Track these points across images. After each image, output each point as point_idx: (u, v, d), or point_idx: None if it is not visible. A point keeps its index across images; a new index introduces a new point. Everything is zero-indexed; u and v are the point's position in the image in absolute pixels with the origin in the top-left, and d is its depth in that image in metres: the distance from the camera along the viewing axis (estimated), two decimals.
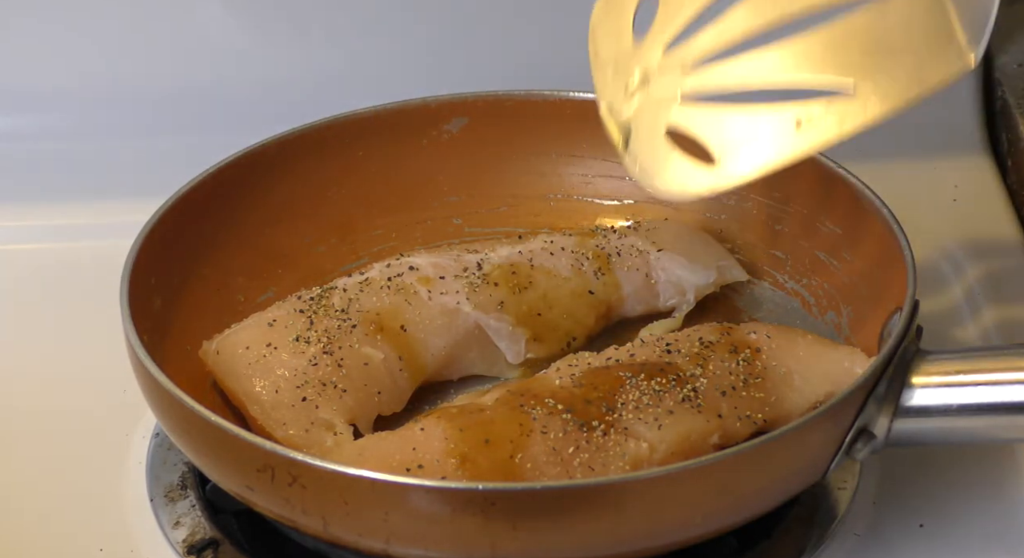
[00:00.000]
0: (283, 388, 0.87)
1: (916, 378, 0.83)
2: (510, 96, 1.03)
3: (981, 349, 0.85)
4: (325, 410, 0.86)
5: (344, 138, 1.01)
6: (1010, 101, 1.15)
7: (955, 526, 0.87)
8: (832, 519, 0.88)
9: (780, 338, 0.89)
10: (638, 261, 0.96)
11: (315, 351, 0.88)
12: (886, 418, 0.82)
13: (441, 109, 1.02)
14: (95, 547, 0.87)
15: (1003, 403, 0.82)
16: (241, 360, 0.88)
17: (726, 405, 0.84)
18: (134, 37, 1.16)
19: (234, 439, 0.79)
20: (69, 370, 0.98)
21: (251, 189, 0.98)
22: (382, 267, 0.94)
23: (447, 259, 0.94)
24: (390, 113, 1.02)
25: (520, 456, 0.80)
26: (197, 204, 0.95)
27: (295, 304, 0.91)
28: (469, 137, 1.03)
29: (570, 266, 0.94)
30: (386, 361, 0.89)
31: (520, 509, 0.76)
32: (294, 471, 0.77)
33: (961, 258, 1.06)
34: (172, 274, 0.93)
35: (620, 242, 0.97)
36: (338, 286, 0.92)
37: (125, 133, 1.16)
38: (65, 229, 1.10)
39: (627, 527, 0.77)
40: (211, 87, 1.16)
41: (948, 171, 1.14)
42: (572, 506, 0.76)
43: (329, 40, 1.17)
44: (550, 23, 1.16)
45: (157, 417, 0.85)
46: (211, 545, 0.87)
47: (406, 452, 0.81)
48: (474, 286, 0.92)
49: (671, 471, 0.77)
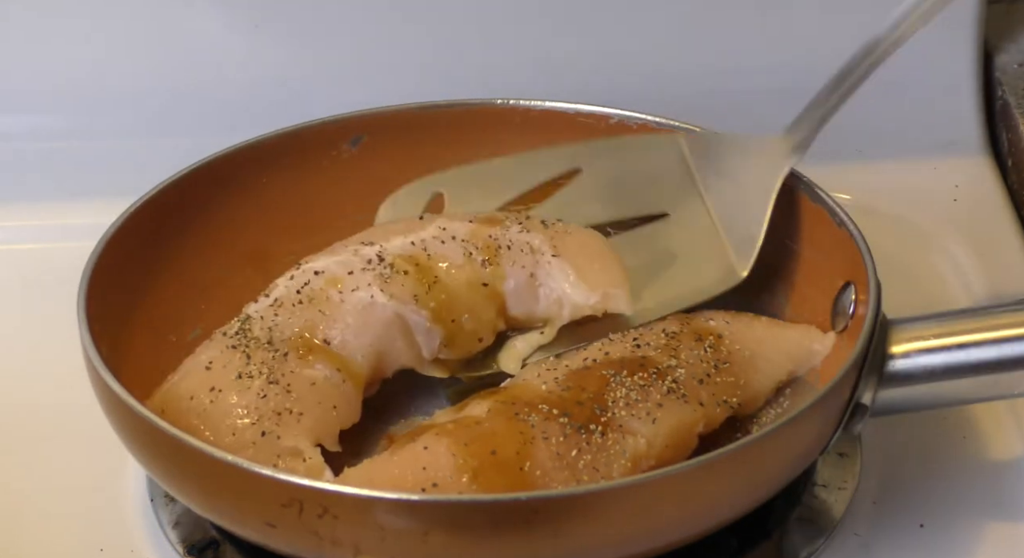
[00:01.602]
0: (239, 428, 0.84)
1: (895, 347, 0.85)
2: (405, 108, 1.01)
3: (949, 313, 0.87)
4: (288, 438, 0.84)
5: (246, 167, 0.99)
6: (1010, 101, 1.15)
7: (955, 526, 0.87)
8: (832, 519, 0.88)
9: (736, 323, 0.91)
10: (527, 259, 0.92)
11: (260, 384, 0.85)
12: (871, 390, 0.84)
13: (338, 128, 1.01)
14: (95, 547, 0.87)
15: (983, 362, 0.84)
16: (190, 412, 0.85)
17: (705, 392, 0.85)
18: (135, 37, 1.16)
19: (255, 476, 0.77)
20: (69, 370, 0.97)
21: (169, 225, 0.96)
22: (286, 281, 0.91)
23: (346, 255, 0.91)
24: (288, 137, 1.00)
25: (528, 464, 0.80)
26: (125, 247, 0.92)
27: (223, 341, 0.88)
28: (369, 154, 1.01)
29: (460, 255, 0.91)
30: (328, 378, 0.87)
31: (560, 515, 0.75)
32: (325, 502, 0.76)
33: (961, 258, 1.06)
34: (111, 320, 0.90)
35: (517, 236, 0.92)
36: (252, 314, 0.89)
37: (125, 133, 1.16)
38: (65, 229, 1.10)
39: (653, 522, 0.77)
40: (211, 88, 1.16)
41: (948, 171, 1.14)
42: (607, 507, 0.76)
43: (330, 41, 1.16)
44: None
45: (153, 472, 0.83)
46: (211, 545, 0.87)
47: (416, 472, 0.80)
48: (384, 277, 0.90)
49: (702, 463, 0.77)
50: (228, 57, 1.16)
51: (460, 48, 1.17)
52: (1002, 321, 0.85)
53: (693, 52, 1.16)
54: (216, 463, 0.78)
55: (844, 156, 1.12)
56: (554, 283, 0.92)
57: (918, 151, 1.15)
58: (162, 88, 1.16)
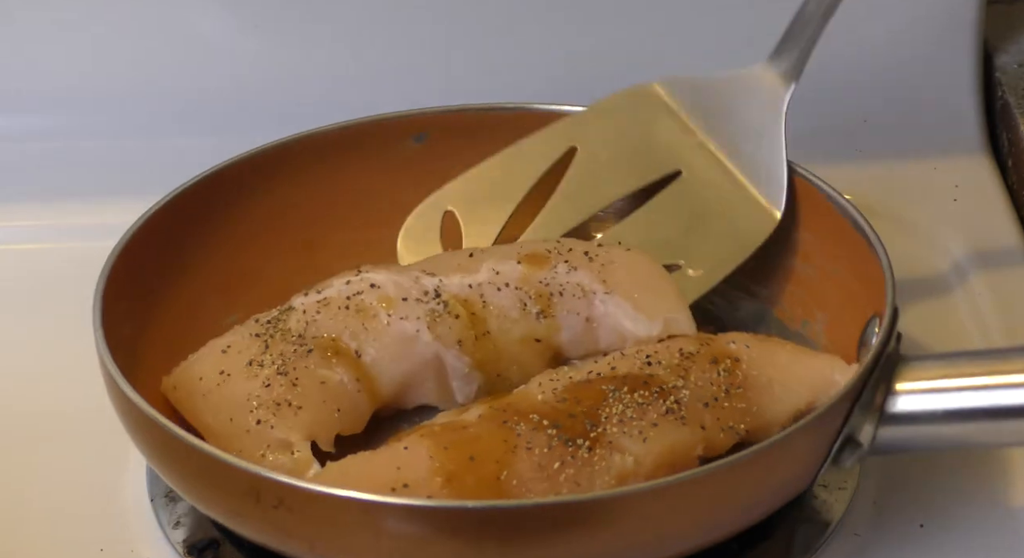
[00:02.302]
0: (237, 416, 0.84)
1: (900, 384, 0.82)
2: (469, 109, 1.02)
3: (962, 354, 0.84)
4: (280, 430, 0.84)
5: (308, 155, 1.00)
6: (1010, 101, 1.15)
7: (955, 526, 0.87)
8: (832, 519, 0.87)
9: (759, 348, 0.88)
10: (581, 304, 0.90)
11: (269, 373, 0.86)
12: (871, 426, 0.82)
13: (404, 123, 1.01)
14: (95, 547, 0.87)
15: (989, 407, 0.81)
16: (196, 393, 0.86)
17: (709, 416, 0.83)
18: (135, 37, 1.16)
19: (217, 463, 0.78)
20: (70, 370, 0.98)
21: (216, 210, 0.97)
22: (341, 285, 0.90)
23: (407, 279, 0.91)
24: (353, 129, 1.01)
25: (506, 473, 0.79)
26: (163, 227, 0.94)
27: (252, 328, 0.89)
28: (431, 152, 1.02)
29: (516, 306, 0.90)
30: (344, 382, 0.86)
31: (510, 526, 0.75)
32: (280, 493, 0.76)
33: (961, 258, 1.06)
34: (141, 299, 0.92)
35: (567, 278, 0.91)
36: (296, 307, 0.89)
37: (125, 133, 1.16)
38: (65, 229, 1.10)
39: (614, 543, 0.77)
40: (212, 88, 1.16)
41: (948, 171, 1.14)
42: (562, 522, 0.75)
43: (332, 44, 1.16)
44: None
45: (138, 446, 0.84)
46: (211, 545, 0.87)
47: (390, 472, 0.79)
48: (435, 315, 0.89)
49: (657, 486, 0.76)
50: (230, 57, 1.16)
51: (463, 49, 1.17)
52: (1016, 366, 0.82)
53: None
54: (182, 445, 0.79)
55: (844, 156, 1.12)
56: (612, 321, 0.91)
57: (918, 151, 1.15)
58: (166, 88, 1.16)
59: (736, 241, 0.92)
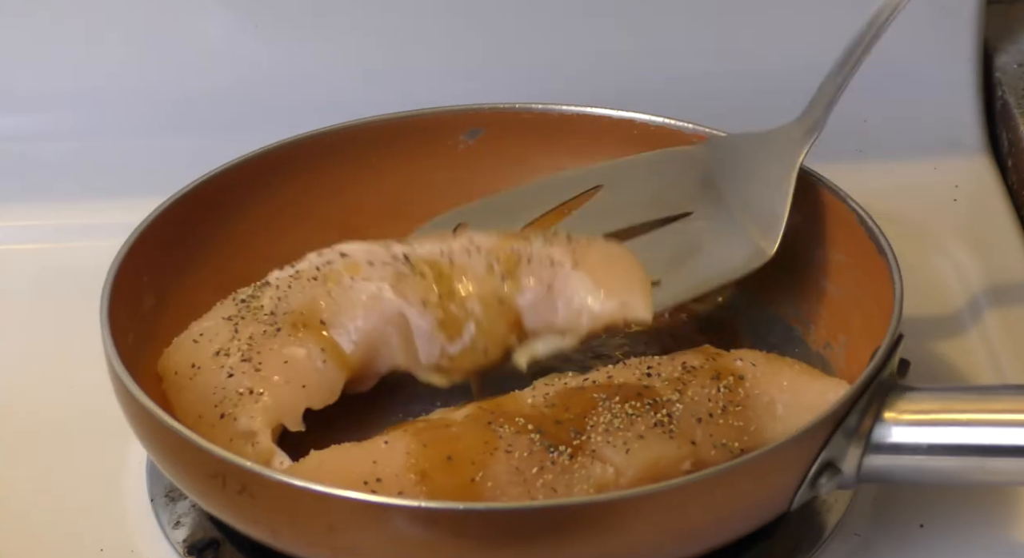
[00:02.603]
0: (205, 411, 0.85)
1: (888, 413, 0.81)
2: (527, 109, 1.01)
3: (962, 388, 0.83)
4: (243, 420, 0.84)
5: (357, 144, 1.00)
6: (1010, 101, 1.15)
7: (955, 526, 0.87)
8: (832, 519, 0.87)
9: (765, 367, 0.87)
10: (546, 271, 0.92)
11: (233, 362, 0.87)
12: (856, 453, 0.81)
13: (457, 119, 1.02)
14: (95, 547, 0.87)
15: (972, 445, 0.81)
16: (172, 387, 0.88)
17: (701, 432, 0.82)
18: (135, 37, 1.16)
19: (187, 444, 0.79)
20: (69, 370, 0.98)
21: (256, 191, 0.98)
22: (314, 256, 0.92)
23: (379, 247, 0.92)
24: (406, 121, 1.01)
25: (481, 474, 0.79)
26: (200, 203, 0.95)
27: (227, 309, 0.90)
28: (484, 149, 1.02)
29: (483, 267, 0.91)
30: (309, 356, 0.87)
31: (463, 528, 0.75)
32: (243, 479, 0.77)
33: (961, 258, 1.06)
34: (167, 273, 0.93)
35: (540, 250, 0.92)
36: (271, 282, 0.91)
37: (126, 133, 1.16)
38: (65, 229, 1.10)
39: (567, 554, 0.76)
40: (213, 88, 1.16)
41: (948, 171, 1.14)
42: (515, 528, 0.75)
43: (334, 43, 1.16)
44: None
45: (127, 417, 0.84)
46: (211, 545, 0.87)
47: (366, 465, 0.79)
48: (400, 274, 0.90)
49: (615, 498, 0.76)
50: (234, 57, 1.16)
51: (463, 50, 1.17)
52: (1006, 405, 0.81)
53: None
54: (159, 425, 0.80)
55: (844, 156, 1.12)
56: (572, 294, 0.91)
57: (918, 151, 1.15)
58: (167, 88, 1.16)
59: (722, 268, 0.93)
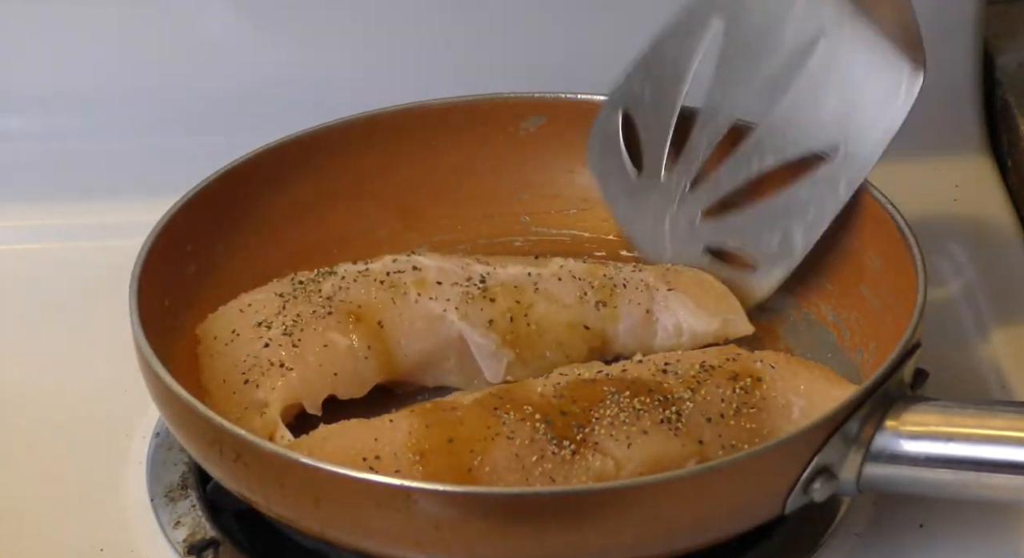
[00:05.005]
0: (230, 377, 0.87)
1: (890, 422, 0.81)
2: (591, 100, 1.01)
3: (968, 402, 0.82)
4: (263, 390, 0.86)
5: (420, 126, 1.01)
6: (1010, 101, 1.15)
7: (955, 526, 0.87)
8: (832, 519, 0.87)
9: (784, 369, 0.86)
10: (642, 296, 0.93)
11: (273, 334, 0.88)
12: (856, 460, 0.81)
13: (520, 106, 1.02)
14: (95, 547, 0.87)
15: (970, 459, 0.80)
16: (207, 351, 0.89)
17: (709, 432, 0.82)
18: (136, 37, 1.16)
19: (189, 411, 0.80)
20: (70, 370, 0.98)
21: (315, 167, 0.99)
22: (388, 261, 0.93)
23: (455, 266, 0.93)
24: (468, 106, 1.02)
25: (480, 459, 0.80)
26: (252, 177, 0.96)
27: (282, 286, 0.92)
28: (546, 136, 1.02)
29: (574, 294, 0.92)
30: (351, 348, 0.88)
31: (441, 510, 0.76)
32: (238, 448, 0.79)
33: (961, 258, 1.06)
34: (213, 241, 0.94)
35: (632, 275, 0.94)
36: (337, 272, 0.92)
37: (128, 133, 1.16)
38: (66, 229, 1.10)
39: (546, 545, 0.76)
40: (214, 87, 1.16)
41: (948, 171, 1.14)
42: (494, 514, 0.75)
43: (335, 40, 1.16)
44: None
45: (146, 382, 0.86)
46: (211, 545, 0.87)
47: (367, 442, 0.81)
48: (468, 297, 0.91)
49: (595, 489, 0.76)
50: (236, 56, 1.16)
51: (463, 46, 1.17)
52: (1008, 422, 0.80)
53: None
54: (166, 390, 0.81)
55: None
56: (671, 315, 0.93)
57: (918, 151, 1.15)
58: (168, 87, 1.16)
59: (883, 118, 0.93)
